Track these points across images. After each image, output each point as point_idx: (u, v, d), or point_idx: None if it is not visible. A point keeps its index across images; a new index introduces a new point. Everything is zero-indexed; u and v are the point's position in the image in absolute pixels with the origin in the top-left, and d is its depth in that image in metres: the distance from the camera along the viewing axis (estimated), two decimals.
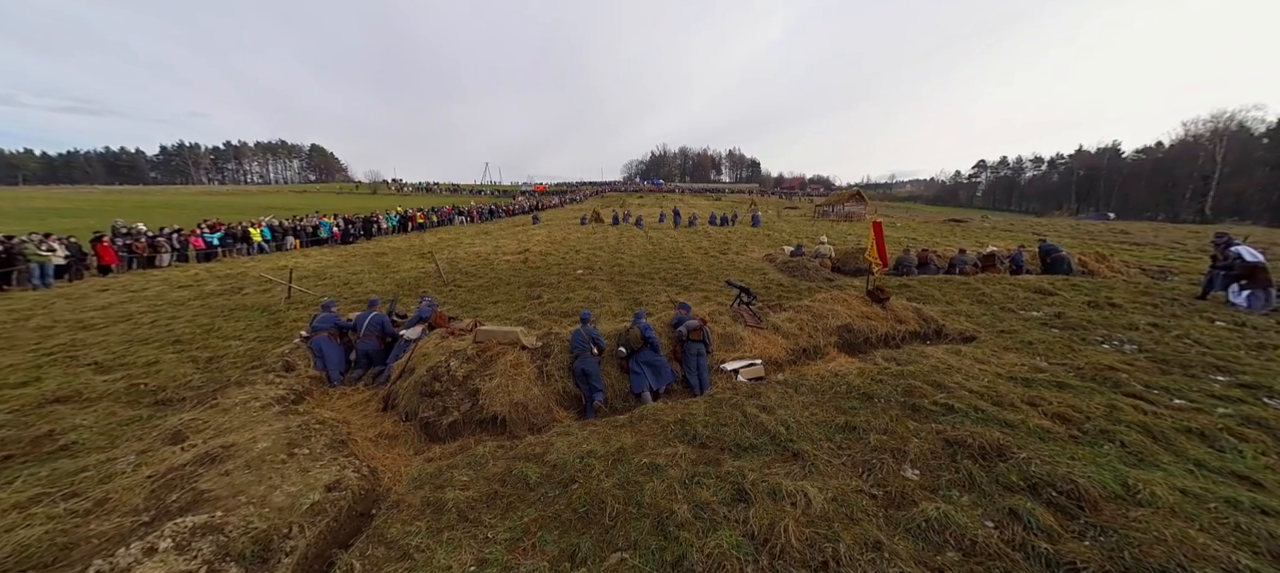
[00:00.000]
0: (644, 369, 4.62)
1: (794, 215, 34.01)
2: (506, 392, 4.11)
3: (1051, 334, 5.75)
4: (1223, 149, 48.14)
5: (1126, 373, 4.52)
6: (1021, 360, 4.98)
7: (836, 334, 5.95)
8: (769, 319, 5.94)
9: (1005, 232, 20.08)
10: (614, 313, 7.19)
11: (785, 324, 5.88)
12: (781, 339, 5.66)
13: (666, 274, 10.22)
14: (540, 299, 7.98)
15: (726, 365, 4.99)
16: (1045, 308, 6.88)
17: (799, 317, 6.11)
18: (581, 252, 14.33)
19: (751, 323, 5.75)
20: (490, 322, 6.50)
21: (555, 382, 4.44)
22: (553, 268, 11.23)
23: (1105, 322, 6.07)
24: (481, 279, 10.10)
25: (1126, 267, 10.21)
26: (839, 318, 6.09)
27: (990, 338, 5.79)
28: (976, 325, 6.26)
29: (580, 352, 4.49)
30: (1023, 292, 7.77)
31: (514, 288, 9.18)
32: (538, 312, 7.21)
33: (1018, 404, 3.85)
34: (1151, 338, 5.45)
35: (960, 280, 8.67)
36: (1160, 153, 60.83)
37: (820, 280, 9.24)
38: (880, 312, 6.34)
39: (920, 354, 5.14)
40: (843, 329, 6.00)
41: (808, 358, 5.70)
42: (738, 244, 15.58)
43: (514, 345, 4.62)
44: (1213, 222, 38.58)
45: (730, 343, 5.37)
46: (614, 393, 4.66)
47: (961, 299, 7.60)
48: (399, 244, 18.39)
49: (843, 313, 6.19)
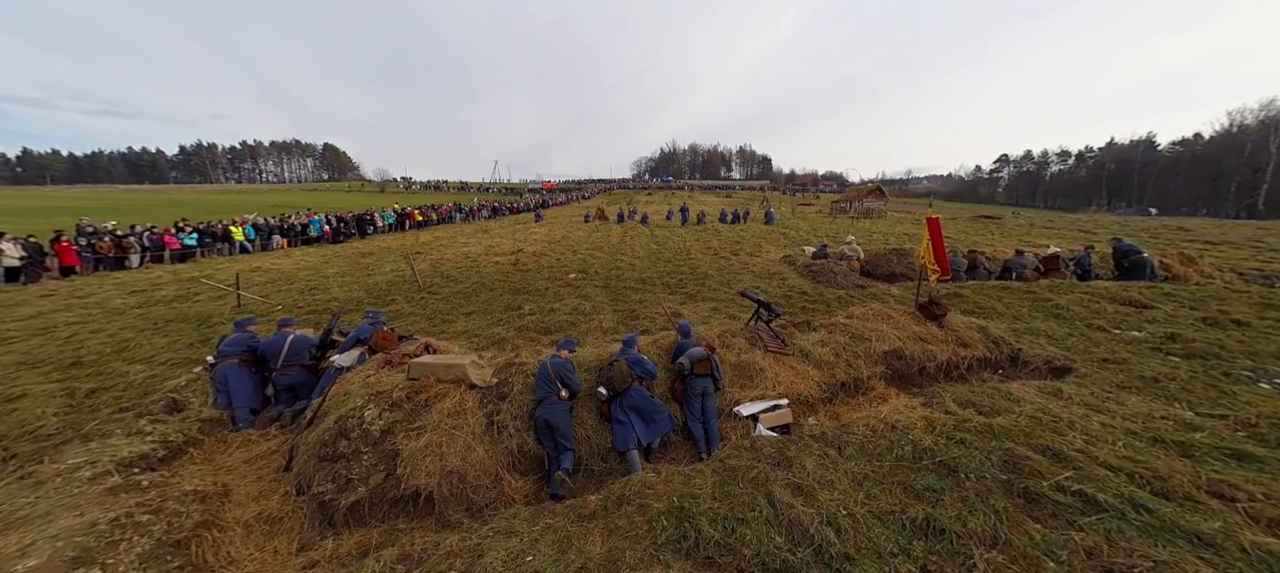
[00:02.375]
0: (631, 417, 3.38)
1: (808, 212, 32.30)
2: (438, 455, 2.91)
3: (1176, 366, 4.34)
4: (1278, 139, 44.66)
5: None
6: (1155, 409, 3.60)
7: (884, 362, 4.62)
8: (796, 342, 4.64)
9: (1046, 229, 18.25)
10: (605, 328, 5.97)
11: (817, 349, 4.58)
12: (813, 370, 4.36)
13: (670, 279, 8.96)
14: (521, 310, 6.80)
15: (741, 409, 3.72)
16: (1147, 327, 5.44)
17: (834, 338, 4.80)
18: (579, 253, 13.14)
19: (774, 347, 4.46)
20: (456, 342, 5.33)
21: (509, 436, 3.23)
22: (544, 272, 10.06)
23: (1244, 347, 4.62)
24: (462, 285, 8.98)
25: (1219, 271, 8.58)
26: (886, 340, 4.76)
27: (1092, 369, 4.40)
28: (1066, 351, 4.87)
29: (545, 395, 3.27)
30: (1107, 304, 6.30)
31: (496, 295, 8.03)
32: (515, 327, 6.02)
33: (1197, 495, 2.51)
34: None
35: (1021, 288, 7.22)
36: (1199, 145, 57.10)
37: (850, 287, 7.87)
38: (937, 332, 4.98)
39: (1006, 396, 3.79)
40: (891, 355, 4.66)
41: (847, 394, 4.38)
42: (751, 244, 14.22)
43: (459, 383, 3.41)
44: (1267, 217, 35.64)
45: (746, 376, 4.09)
46: (591, 450, 3.43)
47: (1031, 313, 6.18)
48: (391, 243, 17.48)
49: (889, 333, 4.85)
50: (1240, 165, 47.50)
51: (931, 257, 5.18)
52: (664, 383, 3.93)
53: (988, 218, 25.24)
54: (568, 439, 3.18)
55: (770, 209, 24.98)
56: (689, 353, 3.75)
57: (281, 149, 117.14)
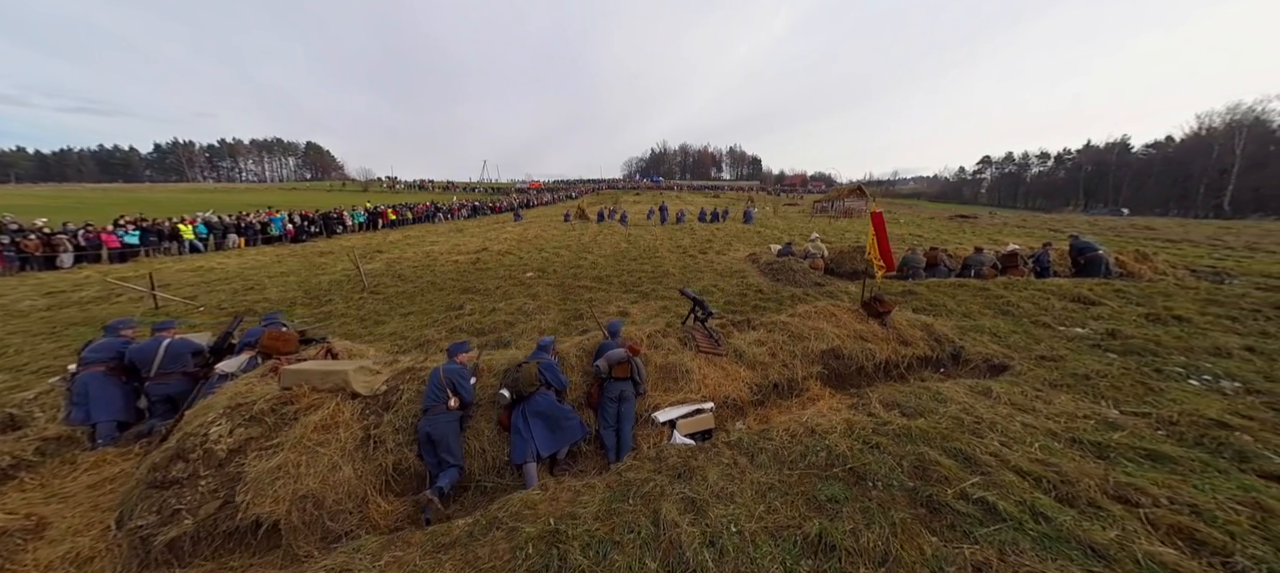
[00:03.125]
0: (533, 425, 3.14)
1: (792, 212, 32.48)
2: (292, 476, 2.63)
3: (1112, 362, 4.28)
4: (1242, 142, 46.63)
5: (1246, 430, 3.05)
6: (1081, 407, 3.51)
7: (821, 362, 4.47)
8: (731, 343, 4.46)
9: (1018, 228, 18.59)
10: (543, 329, 5.72)
11: (752, 349, 4.41)
12: (745, 371, 4.18)
13: (629, 278, 8.75)
14: (462, 311, 6.50)
15: (659, 415, 3.52)
16: (1091, 323, 5.41)
17: (772, 337, 4.64)
18: (545, 252, 12.87)
19: (706, 348, 4.28)
20: (380, 344, 5.03)
21: (386, 452, 2.95)
22: (501, 271, 9.76)
23: (1180, 344, 4.60)
24: (411, 284, 8.63)
25: (1172, 268, 8.72)
26: (825, 339, 4.62)
27: (1027, 367, 4.32)
28: (1007, 348, 4.79)
29: (432, 404, 3.00)
30: (1058, 301, 6.29)
31: (442, 295, 7.71)
32: (449, 328, 5.73)
33: (1101, 501, 2.39)
34: (1255, 370, 3.98)
35: (977, 285, 7.20)
36: (1171, 148, 59.38)
37: (808, 285, 7.76)
38: (879, 330, 4.86)
39: (934, 396, 3.66)
40: (829, 355, 4.52)
41: (780, 396, 4.22)
42: (722, 242, 14.11)
43: (339, 392, 3.13)
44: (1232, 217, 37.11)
45: (672, 379, 3.89)
46: (485, 464, 3.18)
47: (982, 310, 6.13)
48: (355, 242, 16.96)
49: (830, 332, 4.71)
50: (1208, 168, 49.45)
51: (876, 252, 5.06)
52: (581, 387, 3.71)
53: (964, 217, 25.69)
54: (453, 454, 2.92)
55: (750, 209, 24.99)
56: (608, 355, 3.54)
57: (262, 148, 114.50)
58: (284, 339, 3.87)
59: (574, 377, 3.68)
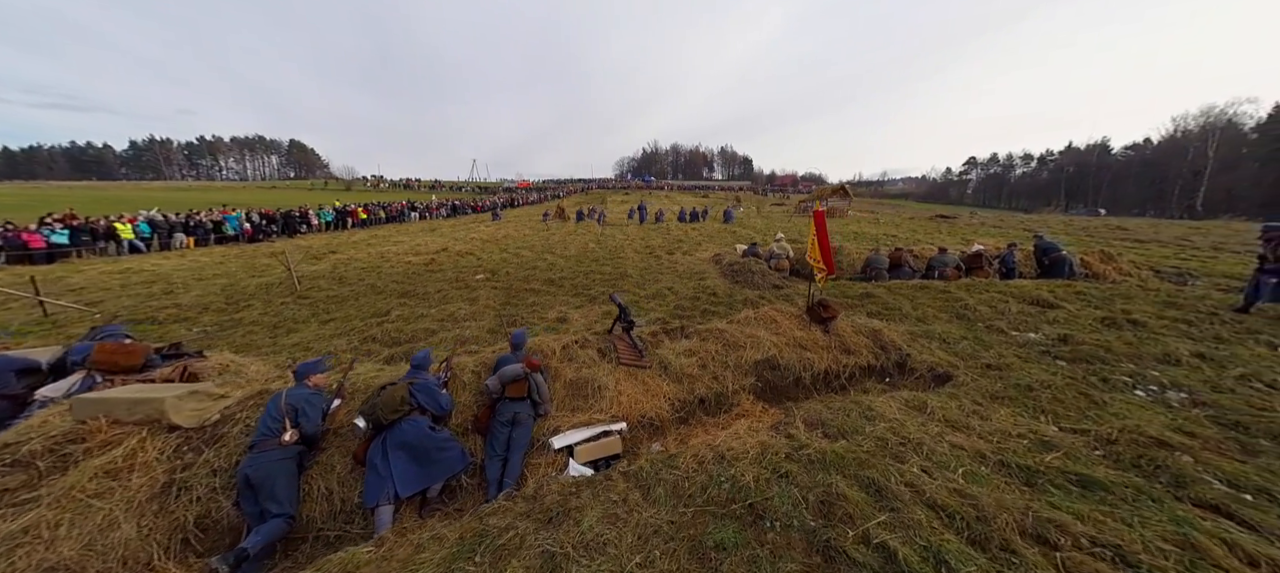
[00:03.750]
0: (395, 459, 2.71)
1: (777, 212, 32.41)
2: (41, 544, 2.13)
3: (1059, 371, 4.05)
4: (1214, 144, 48.21)
5: (1187, 450, 2.82)
6: (1018, 424, 3.25)
7: (755, 373, 4.16)
8: (657, 353, 4.12)
9: (994, 228, 18.70)
10: (467, 337, 5.31)
11: (680, 360, 4.07)
12: (669, 385, 3.84)
13: (583, 280, 8.38)
14: (387, 317, 6.05)
15: (557, 440, 3.15)
16: (1046, 327, 5.21)
17: (705, 347, 4.31)
18: (507, 251, 12.43)
19: (628, 360, 3.93)
20: (276, 356, 4.56)
21: (192, 502, 2.49)
22: (452, 273, 9.31)
23: (1131, 350, 4.40)
24: (349, 287, 8.13)
25: (1137, 269, 8.67)
26: (761, 348, 4.31)
27: (972, 377, 4.07)
28: (954, 356, 4.54)
29: (261, 438, 2.57)
30: (1016, 303, 6.10)
31: (376, 299, 7.24)
32: (363, 337, 5.29)
33: (1017, 543, 2.11)
34: (1204, 379, 3.77)
35: (939, 287, 7.00)
36: (1149, 149, 61.21)
37: (766, 287, 7.48)
38: (822, 338, 4.57)
39: (864, 412, 3.37)
40: (764, 365, 4.21)
41: (707, 412, 3.90)
42: (693, 242, 13.82)
43: (151, 424, 2.68)
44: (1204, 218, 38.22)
45: (582, 396, 3.53)
46: (332, 508, 2.76)
47: (938, 314, 5.91)
48: (313, 243, 16.28)
49: (767, 340, 4.40)
50: (1183, 170, 51.02)
51: (818, 254, 4.77)
52: (471, 408, 3.32)
53: (944, 217, 25.88)
54: (280, 501, 2.45)
55: (730, 209, 24.82)
56: (500, 373, 3.16)
57: (243, 145, 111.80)
58: (125, 353, 3.37)
59: (465, 396, 3.28)
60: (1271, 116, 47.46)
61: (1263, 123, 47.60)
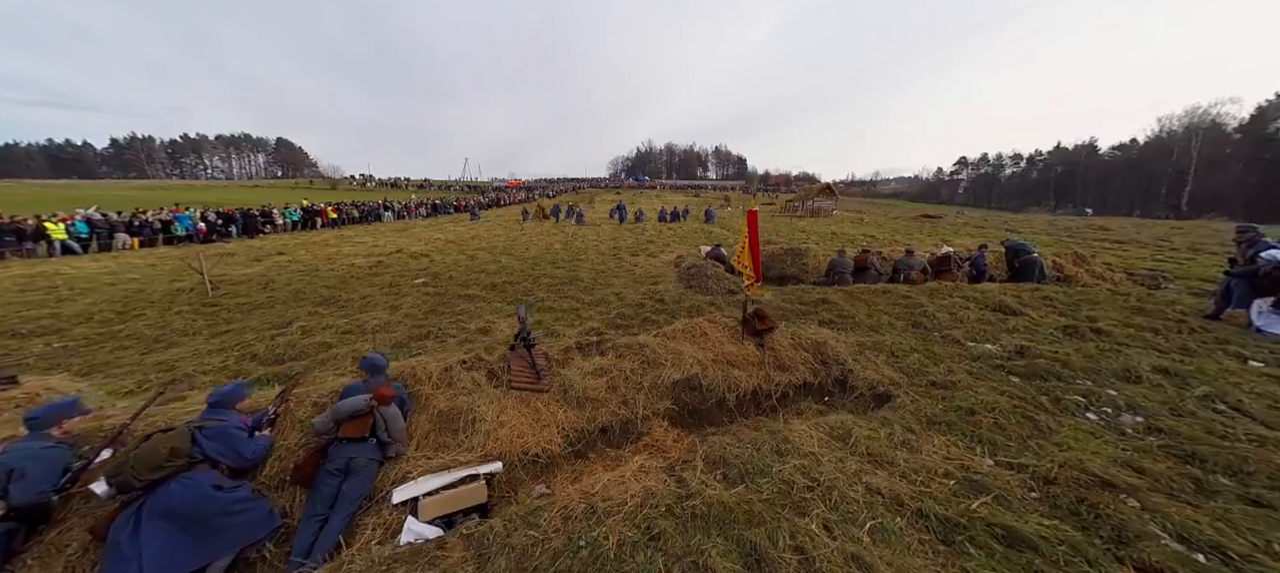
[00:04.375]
0: (148, 534, 2.09)
1: (764, 212, 32.17)
2: None
3: (1008, 390, 3.67)
4: (1198, 144, 49.11)
5: (1134, 493, 2.44)
6: (951, 456, 2.85)
7: (672, 395, 3.72)
8: (560, 375, 3.66)
9: (976, 229, 18.57)
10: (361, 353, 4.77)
11: (587, 381, 3.62)
12: (567, 412, 3.39)
13: (527, 285, 7.90)
14: (288, 329, 5.51)
15: (400, 491, 2.63)
16: (1005, 337, 4.85)
17: (620, 365, 3.86)
18: (464, 253, 11.93)
19: (522, 383, 3.47)
20: (120, 381, 4.01)
21: None
22: (390, 276, 8.78)
23: (1089, 364, 4.04)
24: (271, 293, 7.57)
25: (1110, 271, 8.42)
26: (682, 365, 3.87)
27: (913, 397, 3.67)
28: (900, 372, 4.15)
29: None
30: (977, 310, 5.75)
31: (291, 307, 6.69)
32: (242, 355, 4.73)
33: None
34: (1163, 400, 3.41)
35: (902, 292, 6.64)
36: (1135, 150, 62.22)
37: (719, 293, 7.07)
38: (754, 353, 4.14)
39: (778, 446, 2.95)
40: (683, 386, 3.78)
41: (612, 441, 3.45)
42: (663, 243, 13.41)
43: None
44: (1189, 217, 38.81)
45: (451, 430, 3.06)
46: None
47: (894, 321, 5.53)
48: (266, 244, 15.62)
49: (691, 357, 3.97)
50: (1168, 170, 51.87)
51: (747, 260, 4.35)
52: (297, 453, 2.79)
53: (929, 217, 25.81)
54: None
55: (711, 209, 24.51)
56: (335, 408, 2.66)
57: (228, 143, 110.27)
58: None
59: (294, 438, 2.77)
60: (1254, 117, 48.46)
61: (1245, 123, 48.58)
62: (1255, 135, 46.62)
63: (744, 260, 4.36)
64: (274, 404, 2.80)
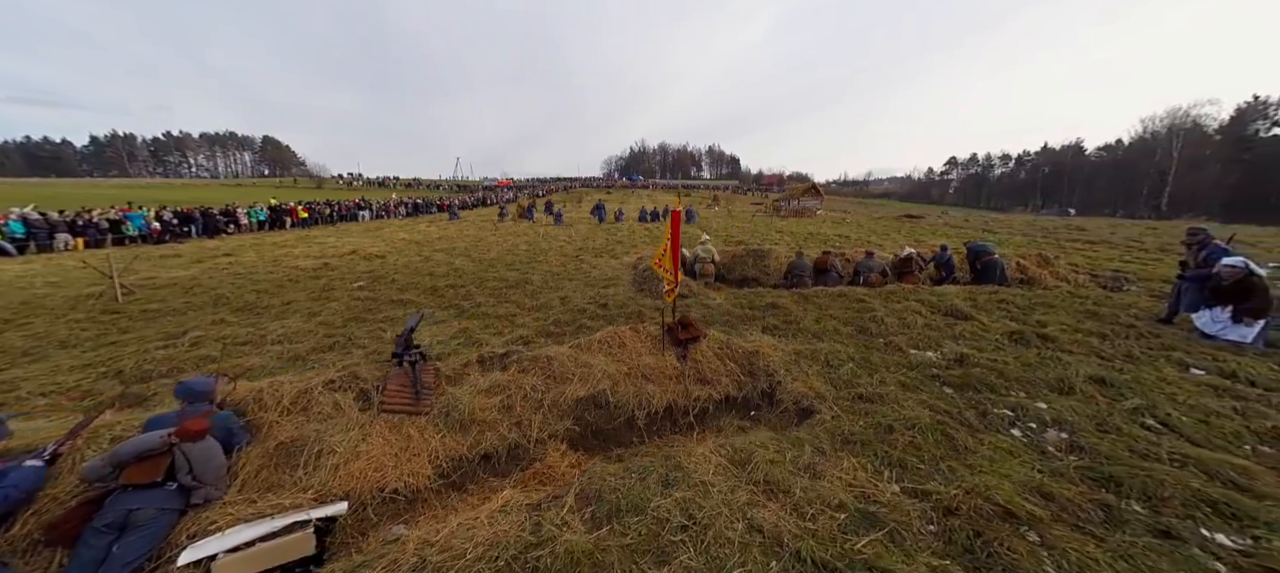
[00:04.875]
0: None
1: (751, 211, 32.05)
2: None
3: (938, 402, 3.46)
4: (1179, 145, 50.20)
5: (1036, 525, 2.23)
6: (855, 483, 2.63)
7: (574, 414, 3.44)
8: (448, 393, 3.36)
9: (954, 229, 18.61)
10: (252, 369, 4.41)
11: (477, 400, 3.33)
12: (444, 437, 3.09)
13: (470, 289, 7.57)
14: (180, 340, 5.09)
15: (192, 551, 2.15)
16: (948, 344, 4.66)
17: (520, 381, 3.58)
18: (422, 254, 11.56)
19: (397, 404, 3.16)
20: None
21: None
22: (328, 279, 8.38)
23: (1025, 374, 3.85)
24: (191, 298, 7.12)
25: (1075, 272, 8.34)
26: (590, 380, 3.60)
27: (836, 412, 3.44)
28: (829, 384, 3.92)
29: None
30: (927, 314, 5.58)
31: (200, 314, 6.24)
32: (104, 373, 4.29)
33: None
34: (1093, 413, 3.23)
35: (858, 295, 6.44)
36: (1120, 150, 63.46)
37: None
38: (674, 365, 3.89)
39: (666, 475, 2.69)
40: (588, 404, 3.50)
41: (498, 470, 3.16)
42: (631, 244, 13.14)
43: None
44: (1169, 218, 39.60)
45: (290, 464, 2.71)
46: None
47: (841, 327, 5.32)
48: (218, 246, 15.07)
49: (602, 370, 3.70)
50: (1151, 170, 52.92)
51: (668, 263, 4.09)
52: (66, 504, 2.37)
53: (912, 217, 25.91)
54: None
55: (692, 208, 24.36)
56: (116, 451, 2.25)
57: (214, 141, 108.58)
58: None
59: (61, 487, 2.36)
60: (1233, 119, 49.67)
61: (1224, 125, 49.77)
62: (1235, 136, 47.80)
63: (665, 265, 4.09)
64: (59, 440, 2.44)
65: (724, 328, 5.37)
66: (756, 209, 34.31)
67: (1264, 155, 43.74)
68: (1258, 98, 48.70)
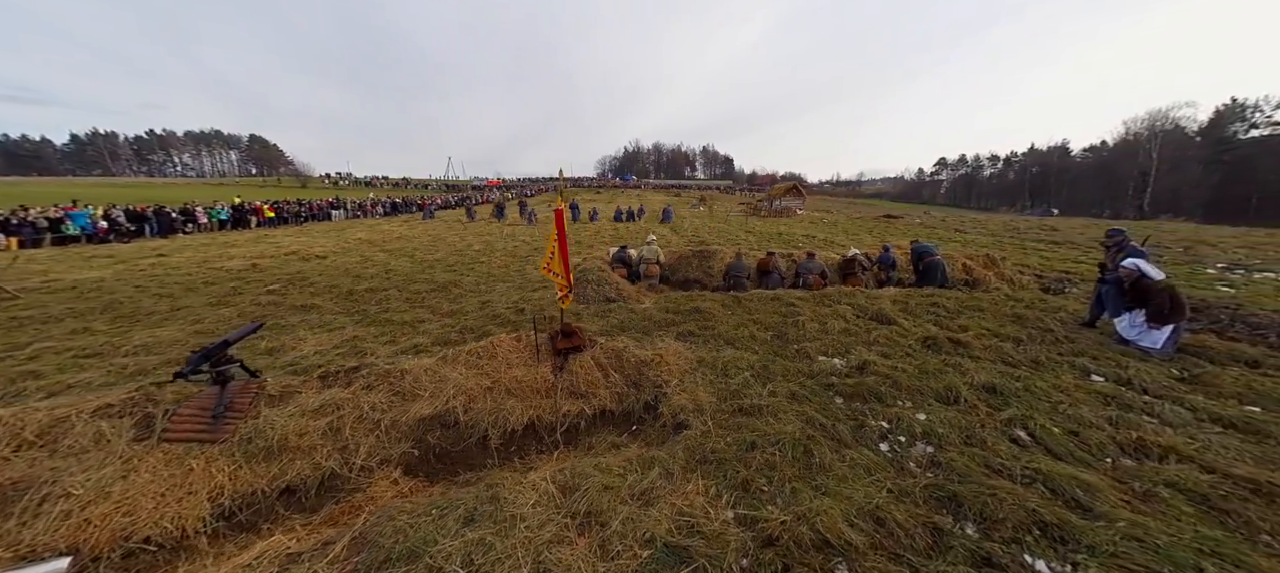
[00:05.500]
0: None
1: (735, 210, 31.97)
2: None
3: (820, 414, 3.28)
4: (1158, 147, 51.19)
5: (850, 558, 2.06)
6: (687, 511, 2.44)
7: (416, 435, 3.19)
8: (266, 415, 3.08)
9: (927, 229, 18.65)
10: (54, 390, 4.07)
11: (294, 423, 3.05)
12: (238, 468, 2.80)
13: (391, 292, 7.27)
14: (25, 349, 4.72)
15: None
16: (859, 350, 4.50)
17: (362, 398, 3.32)
18: (364, 256, 11.25)
19: (186, 431, 2.87)
20: None
21: None
22: (246, 282, 8.03)
23: (918, 382, 3.70)
24: (84, 302, 6.72)
25: (1022, 274, 8.27)
26: (441, 396, 3.36)
27: (708, 427, 3.25)
28: (717, 394, 3.72)
29: None
30: (851, 319, 5.43)
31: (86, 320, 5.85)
32: None
33: None
34: (967, 424, 3.07)
35: (792, 298, 6.28)
36: (1105, 151, 64.61)
37: (598, 301, 6.60)
38: (546, 378, 3.66)
39: (480, 506, 2.47)
40: (433, 423, 3.25)
41: (301, 506, 2.89)
42: (590, 244, 12.91)
43: None
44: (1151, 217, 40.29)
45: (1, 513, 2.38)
46: None
47: (759, 333, 5.14)
48: (162, 247, 14.60)
49: (457, 384, 3.46)
50: (1134, 172, 53.90)
51: (557, 266, 3.87)
52: None
53: (891, 217, 26.01)
54: None
55: (669, 208, 24.28)
56: None
57: (198, 140, 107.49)
58: None
59: None
60: (1212, 121, 50.80)
61: (1204, 127, 50.89)
62: (1214, 138, 48.86)
63: (554, 269, 3.86)
64: None
65: (638, 334, 5.17)
66: (743, 209, 34.33)
67: (1244, 157, 44.79)
68: (1235, 100, 49.95)
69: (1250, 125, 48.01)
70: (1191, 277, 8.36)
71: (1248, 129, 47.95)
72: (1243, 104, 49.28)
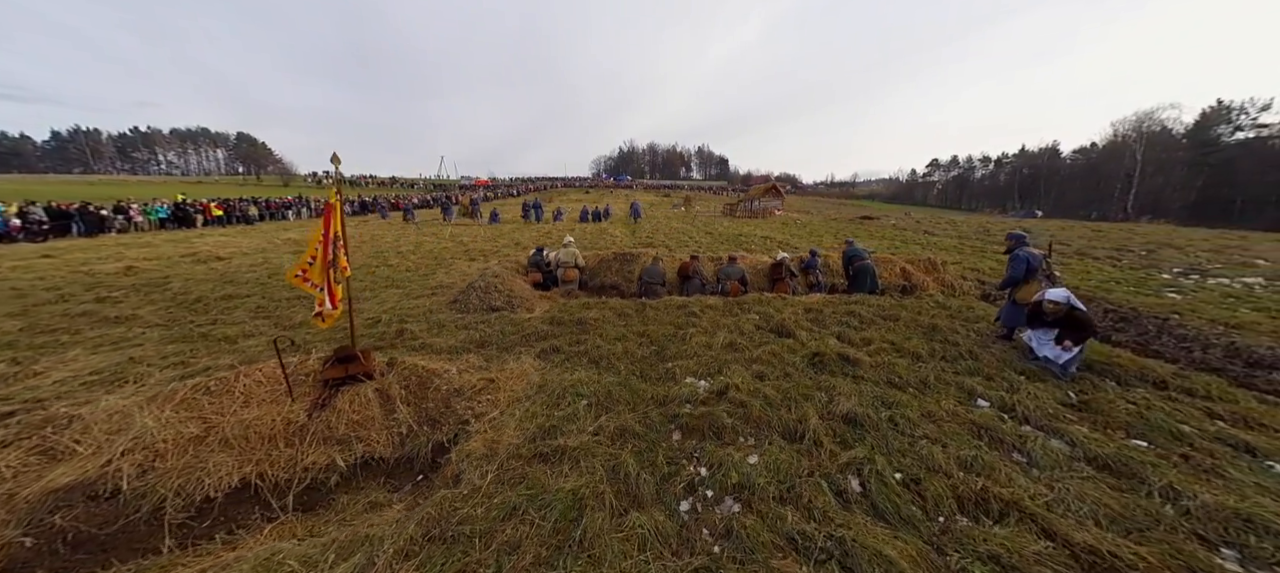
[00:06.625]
0: None
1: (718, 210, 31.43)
2: None
3: (628, 462, 2.70)
4: (1142, 149, 51.83)
5: None
6: None
7: (39, 516, 2.50)
8: None
9: (895, 230, 18.31)
10: None
11: None
12: None
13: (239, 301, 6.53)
14: None
15: None
16: (734, 369, 3.98)
17: None
18: (268, 259, 10.51)
19: None
20: None
21: None
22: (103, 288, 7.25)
23: (768, 414, 3.17)
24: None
25: (963, 280, 7.81)
26: (106, 452, 2.68)
27: (486, 480, 2.66)
28: (532, 432, 3.13)
29: None
30: (749, 331, 4.90)
31: None
32: None
33: None
34: (794, 472, 2.57)
35: (703, 305, 5.73)
36: (1093, 153, 65.42)
37: (481, 311, 5.96)
38: (294, 420, 3.01)
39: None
40: (78, 493, 2.55)
41: None
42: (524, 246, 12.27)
43: None
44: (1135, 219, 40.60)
45: None
46: None
47: (635, 350, 4.59)
48: (68, 248, 13.74)
49: (143, 434, 2.79)
50: (1120, 172, 54.51)
51: (316, 275, 3.23)
52: None
53: (868, 218, 25.73)
54: None
55: (637, 203, 23.82)
56: None
57: (184, 138, 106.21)
58: None
59: None
60: (1198, 123, 51.53)
61: (1189, 129, 51.59)
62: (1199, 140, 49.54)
63: (312, 278, 3.20)
64: None
65: (494, 351, 4.56)
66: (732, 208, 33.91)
67: (1228, 159, 45.42)
68: (1221, 102, 50.74)
69: (1235, 127, 48.80)
70: (1141, 283, 7.99)
71: (1232, 131, 48.74)
72: (1228, 106, 50.16)
